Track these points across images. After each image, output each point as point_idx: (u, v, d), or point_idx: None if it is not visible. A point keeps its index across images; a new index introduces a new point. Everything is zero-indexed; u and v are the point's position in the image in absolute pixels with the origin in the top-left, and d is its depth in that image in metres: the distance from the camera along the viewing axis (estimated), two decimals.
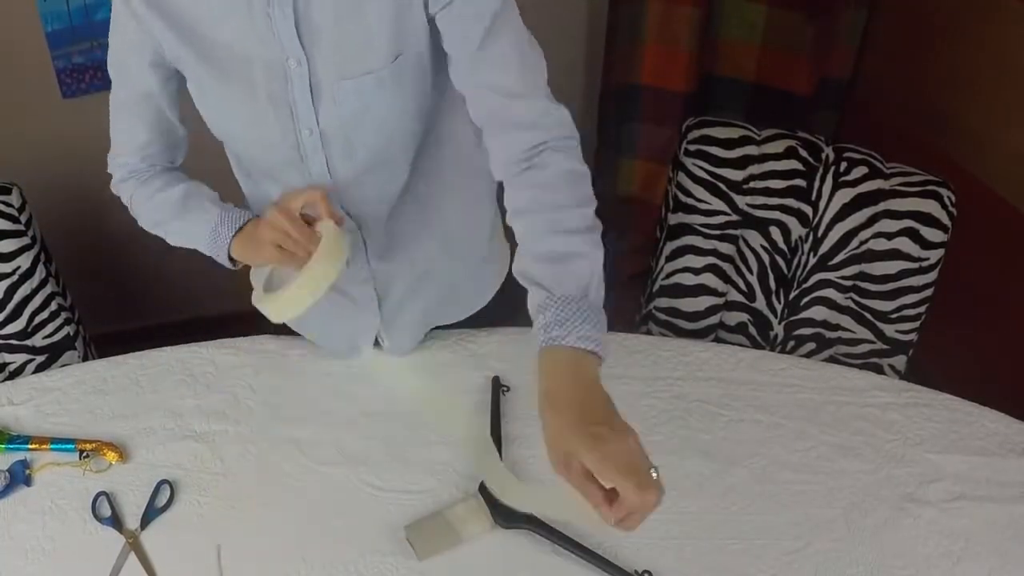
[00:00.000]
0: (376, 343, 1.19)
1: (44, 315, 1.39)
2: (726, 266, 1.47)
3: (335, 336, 1.20)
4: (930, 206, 1.33)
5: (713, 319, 1.52)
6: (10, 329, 1.36)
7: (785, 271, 1.44)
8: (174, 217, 1.09)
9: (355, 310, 1.15)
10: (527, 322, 0.82)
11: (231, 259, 1.07)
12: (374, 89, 0.94)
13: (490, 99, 0.93)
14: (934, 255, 1.36)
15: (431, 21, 0.92)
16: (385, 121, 0.97)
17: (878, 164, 1.37)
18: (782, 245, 1.42)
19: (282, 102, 0.94)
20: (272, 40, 0.91)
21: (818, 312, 1.45)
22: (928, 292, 1.39)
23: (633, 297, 1.63)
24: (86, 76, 1.92)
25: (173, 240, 1.11)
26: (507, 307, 1.28)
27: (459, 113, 1.01)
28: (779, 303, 1.46)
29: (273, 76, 0.93)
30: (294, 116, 0.95)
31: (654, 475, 0.71)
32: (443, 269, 1.15)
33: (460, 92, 0.96)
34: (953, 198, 1.33)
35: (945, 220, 1.33)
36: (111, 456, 1.06)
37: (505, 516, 0.98)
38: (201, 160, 1.14)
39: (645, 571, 0.94)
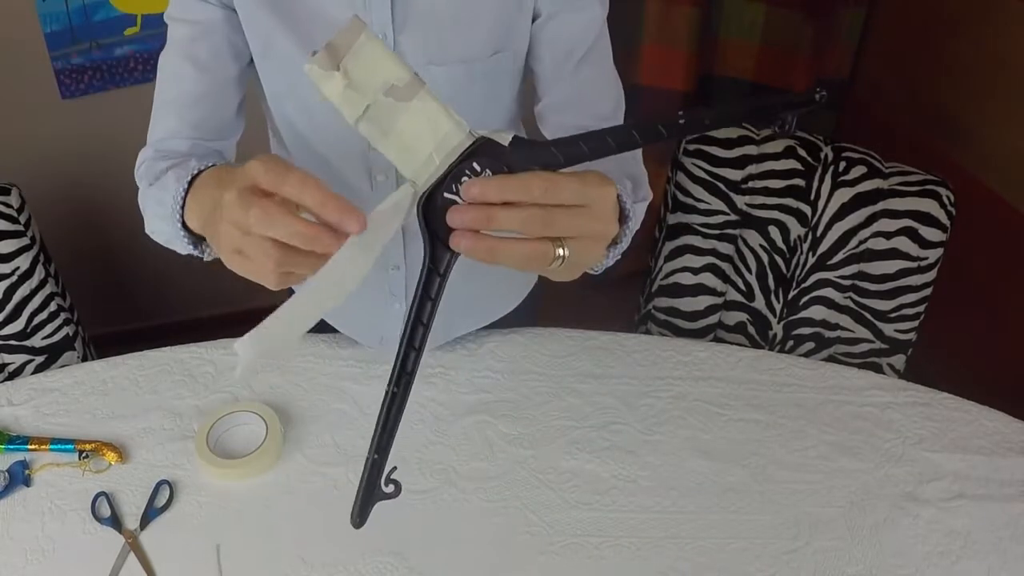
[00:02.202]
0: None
1: (43, 316, 1.39)
2: (725, 266, 1.47)
3: (361, 326, 1.18)
4: (929, 205, 1.33)
5: (712, 319, 1.52)
6: (9, 330, 1.36)
7: (784, 271, 1.44)
8: (151, 189, 0.85)
9: (383, 298, 1.11)
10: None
11: (196, 238, 0.78)
12: (465, 82, 0.89)
13: (580, 121, 0.93)
14: (933, 254, 1.36)
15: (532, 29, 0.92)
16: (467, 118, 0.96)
17: (877, 163, 1.37)
18: (781, 244, 1.42)
19: None
20: (360, 5, 0.85)
21: (817, 311, 1.45)
22: (927, 291, 1.39)
23: (632, 297, 1.63)
24: (85, 77, 1.92)
25: (155, 231, 0.87)
26: (526, 316, 1.27)
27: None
28: (778, 303, 1.46)
29: None
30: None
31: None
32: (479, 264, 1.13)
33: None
34: (952, 197, 1.33)
35: (944, 219, 1.34)
36: (110, 456, 1.06)
37: None
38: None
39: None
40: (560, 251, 0.58)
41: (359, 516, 0.63)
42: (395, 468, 0.62)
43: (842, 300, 1.44)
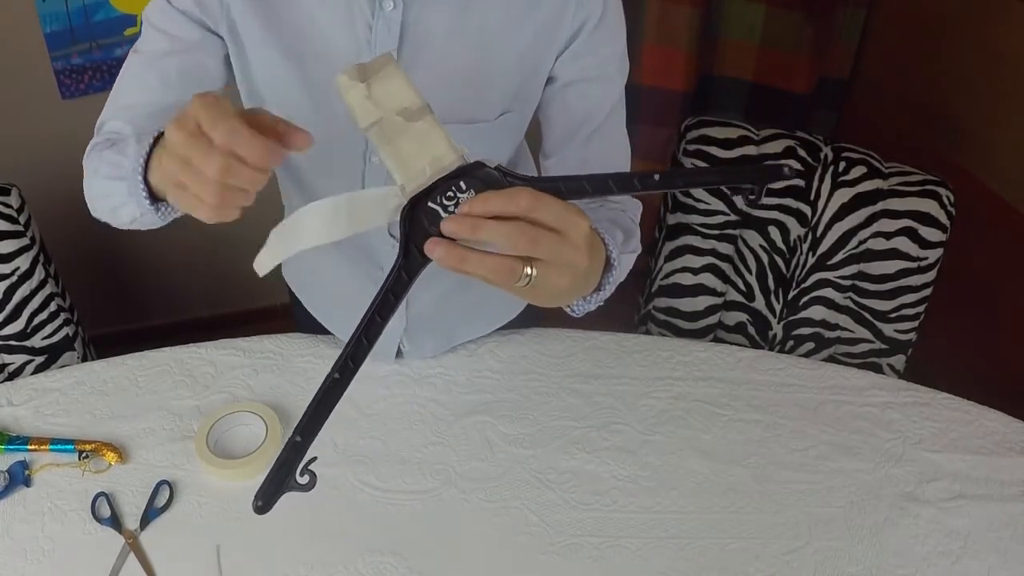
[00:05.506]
0: (398, 352, 1.18)
1: (43, 316, 1.39)
2: (725, 266, 1.47)
3: None
4: (929, 205, 1.33)
5: (712, 319, 1.52)
6: (9, 330, 1.36)
7: (784, 271, 1.44)
8: (107, 152, 0.80)
9: None
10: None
11: (155, 197, 0.73)
12: (470, 142, 0.87)
13: None
14: (933, 254, 1.36)
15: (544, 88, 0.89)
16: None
17: (877, 164, 1.37)
18: (781, 245, 1.42)
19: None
20: (366, 53, 0.81)
21: (817, 312, 1.45)
22: (927, 291, 1.39)
23: (632, 297, 1.63)
24: (85, 77, 1.92)
25: (104, 195, 0.83)
26: (527, 316, 1.27)
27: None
28: (778, 303, 1.46)
29: None
30: (368, 142, 0.86)
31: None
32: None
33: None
34: (952, 197, 1.33)
35: (944, 220, 1.34)
36: (110, 457, 1.06)
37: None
38: None
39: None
40: (528, 270, 0.59)
41: (262, 499, 0.60)
42: (315, 459, 0.61)
43: (842, 300, 1.44)
